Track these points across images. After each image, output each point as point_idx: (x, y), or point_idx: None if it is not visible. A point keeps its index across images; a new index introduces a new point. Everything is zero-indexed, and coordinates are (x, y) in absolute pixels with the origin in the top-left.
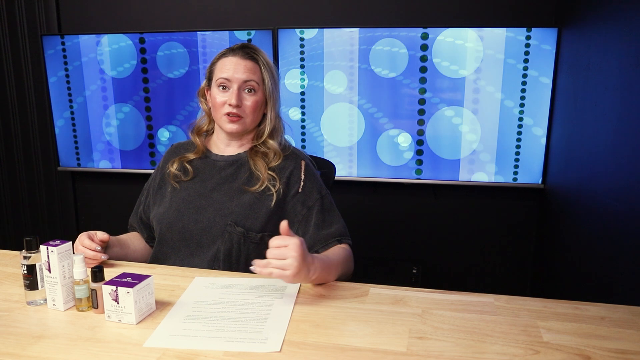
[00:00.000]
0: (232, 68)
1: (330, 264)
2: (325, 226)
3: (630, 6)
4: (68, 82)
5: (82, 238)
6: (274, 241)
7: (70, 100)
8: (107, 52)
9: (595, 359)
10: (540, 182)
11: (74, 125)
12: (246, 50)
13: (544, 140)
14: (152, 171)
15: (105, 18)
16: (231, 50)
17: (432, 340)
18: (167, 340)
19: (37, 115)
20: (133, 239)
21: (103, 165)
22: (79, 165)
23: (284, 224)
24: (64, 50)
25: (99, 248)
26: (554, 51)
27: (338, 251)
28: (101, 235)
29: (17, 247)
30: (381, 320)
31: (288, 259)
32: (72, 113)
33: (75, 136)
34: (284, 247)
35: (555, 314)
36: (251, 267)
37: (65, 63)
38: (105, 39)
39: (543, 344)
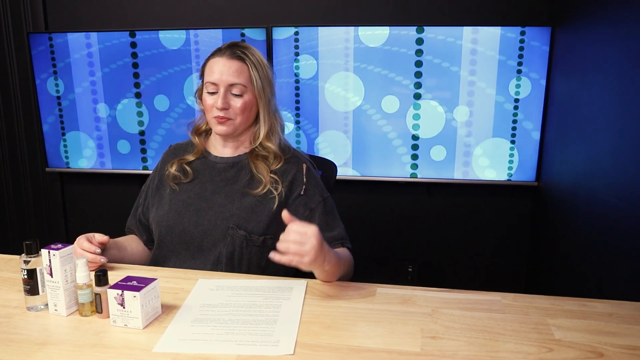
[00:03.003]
0: (219, 70)
1: (340, 259)
2: (328, 229)
3: (624, 5)
4: (56, 81)
5: (81, 241)
6: (293, 226)
7: (59, 100)
8: (97, 51)
9: (608, 356)
10: (534, 179)
11: (62, 125)
12: (233, 50)
13: (538, 138)
14: (143, 172)
15: (95, 15)
16: (218, 51)
17: (445, 340)
18: (176, 345)
19: (24, 115)
20: (130, 242)
21: (93, 165)
22: (67, 165)
23: (285, 215)
24: (51, 49)
25: (98, 251)
26: (548, 50)
27: (343, 251)
28: (100, 237)
29: (3, 251)
30: (392, 320)
31: (307, 245)
32: (60, 112)
33: (63, 136)
34: (304, 233)
35: (564, 311)
36: (270, 255)
37: (53, 60)
38: (95, 36)
39: (555, 342)
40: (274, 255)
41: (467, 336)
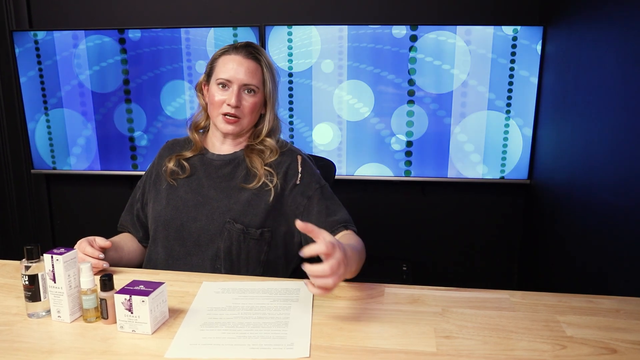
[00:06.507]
0: (234, 68)
1: (356, 250)
2: (330, 213)
3: (616, 4)
4: (42, 81)
5: (83, 245)
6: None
7: (45, 100)
8: (84, 50)
9: (621, 352)
10: (526, 177)
11: (48, 125)
12: (249, 50)
13: (530, 137)
14: (132, 173)
15: (82, 13)
16: (234, 48)
17: (460, 339)
18: (188, 350)
19: (7, 116)
20: (126, 241)
21: (80, 167)
22: (54, 167)
23: (300, 225)
24: (37, 47)
25: (101, 256)
26: (540, 49)
27: (353, 238)
28: (101, 241)
29: None
30: (404, 320)
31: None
32: (46, 112)
33: (50, 136)
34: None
35: (572, 308)
36: (308, 288)
37: (39, 61)
38: (82, 35)
39: (568, 339)
40: (310, 288)
41: (481, 335)
